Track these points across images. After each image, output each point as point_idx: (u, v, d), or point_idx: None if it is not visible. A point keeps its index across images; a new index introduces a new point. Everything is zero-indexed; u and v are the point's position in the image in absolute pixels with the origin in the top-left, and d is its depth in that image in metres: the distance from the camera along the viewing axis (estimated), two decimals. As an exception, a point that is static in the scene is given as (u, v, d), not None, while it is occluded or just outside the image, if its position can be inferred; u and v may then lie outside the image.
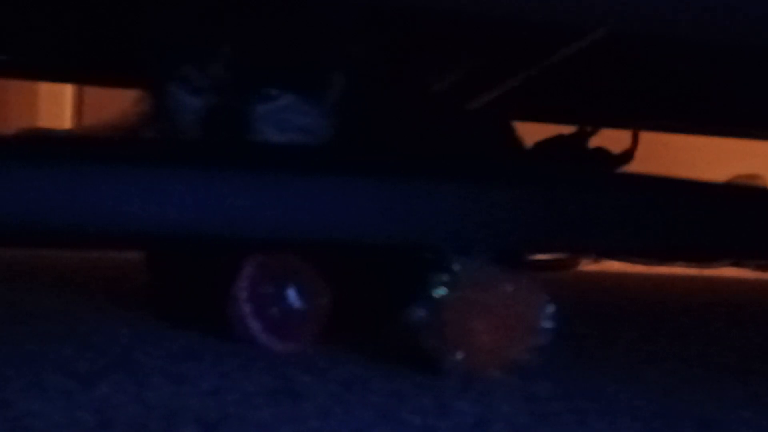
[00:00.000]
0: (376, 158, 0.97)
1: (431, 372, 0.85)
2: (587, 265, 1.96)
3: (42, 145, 0.98)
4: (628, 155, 1.65)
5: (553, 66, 1.28)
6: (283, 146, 0.99)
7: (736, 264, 1.93)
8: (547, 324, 0.88)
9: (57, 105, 2.27)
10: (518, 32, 1.13)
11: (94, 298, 1.15)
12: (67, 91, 2.27)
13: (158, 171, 0.88)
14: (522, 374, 0.86)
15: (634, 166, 1.59)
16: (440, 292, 0.87)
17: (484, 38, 1.17)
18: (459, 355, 0.85)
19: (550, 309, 0.88)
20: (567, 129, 1.64)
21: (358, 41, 1.03)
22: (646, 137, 1.69)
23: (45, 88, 2.25)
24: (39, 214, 0.84)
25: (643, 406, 0.82)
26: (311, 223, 0.89)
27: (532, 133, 1.45)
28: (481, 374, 0.85)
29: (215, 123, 0.97)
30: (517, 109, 1.46)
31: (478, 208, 0.92)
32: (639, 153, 1.65)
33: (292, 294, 0.92)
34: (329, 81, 1.02)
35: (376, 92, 1.07)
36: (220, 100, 0.97)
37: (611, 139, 1.65)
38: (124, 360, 0.84)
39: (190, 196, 0.86)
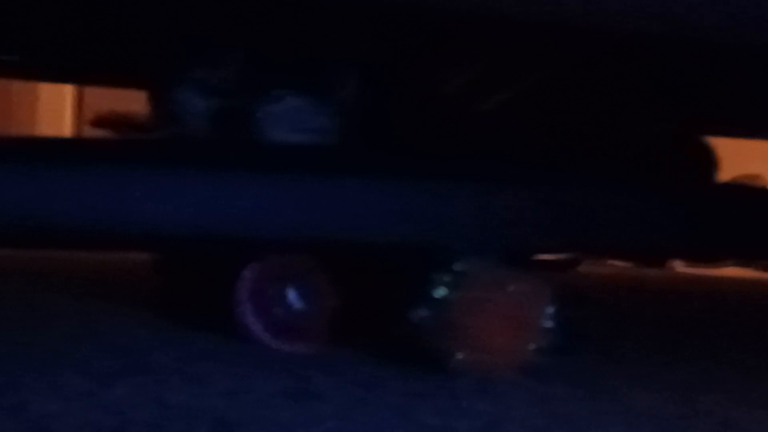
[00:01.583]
0: (384, 158, 0.97)
1: (442, 372, 0.85)
2: (591, 266, 1.96)
3: (51, 148, 0.98)
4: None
5: (559, 69, 1.28)
6: (292, 146, 0.99)
7: (741, 264, 1.92)
8: (548, 324, 0.88)
9: (57, 106, 2.26)
10: (525, 35, 1.12)
11: (112, 300, 1.15)
12: (68, 92, 2.27)
13: (166, 172, 0.88)
14: (538, 375, 0.86)
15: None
16: (445, 292, 0.87)
17: (496, 40, 1.17)
18: (463, 354, 0.85)
19: (551, 309, 0.88)
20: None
21: (370, 43, 1.03)
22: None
23: (45, 89, 2.25)
24: (48, 215, 0.84)
25: (662, 406, 0.81)
26: (321, 224, 0.89)
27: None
28: (491, 374, 0.85)
29: (226, 124, 0.97)
30: (526, 111, 1.46)
31: (486, 208, 0.93)
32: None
33: (293, 295, 0.92)
34: (340, 82, 1.02)
35: (388, 93, 1.07)
36: (231, 102, 0.97)
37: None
38: (142, 361, 0.84)
39: (199, 197, 0.87)
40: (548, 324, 0.88)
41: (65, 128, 2.27)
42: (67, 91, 2.26)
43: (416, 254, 0.91)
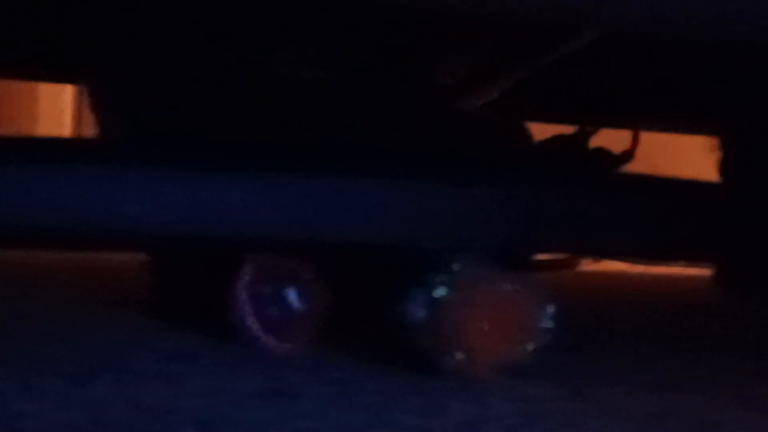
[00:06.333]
0: (378, 159, 0.97)
1: (428, 372, 0.85)
2: (587, 265, 1.95)
3: (41, 147, 0.99)
4: (628, 155, 1.64)
5: (552, 65, 1.28)
6: (281, 145, 0.99)
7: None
8: (546, 324, 0.88)
9: (57, 106, 2.27)
10: (517, 30, 1.13)
11: (89, 300, 1.16)
12: (68, 92, 2.27)
13: (148, 172, 0.89)
14: (516, 374, 0.86)
15: (634, 166, 1.58)
16: (439, 292, 0.87)
17: (482, 36, 1.17)
18: (457, 356, 0.85)
19: (549, 309, 0.88)
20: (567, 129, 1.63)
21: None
22: (646, 137, 1.68)
23: (45, 90, 2.25)
24: (47, 215, 0.85)
25: (639, 406, 0.81)
26: (313, 223, 0.89)
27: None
28: (483, 374, 0.85)
29: None
30: (518, 109, 1.46)
31: (478, 208, 0.93)
32: (639, 153, 1.65)
33: (291, 294, 0.92)
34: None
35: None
36: None
37: (611, 139, 1.64)
38: (118, 361, 0.84)
39: (195, 196, 0.87)
40: (544, 324, 0.88)
41: (65, 128, 2.27)
42: (67, 91, 2.26)
43: (412, 254, 0.91)
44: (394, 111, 1.09)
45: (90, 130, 1.18)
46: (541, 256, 1.72)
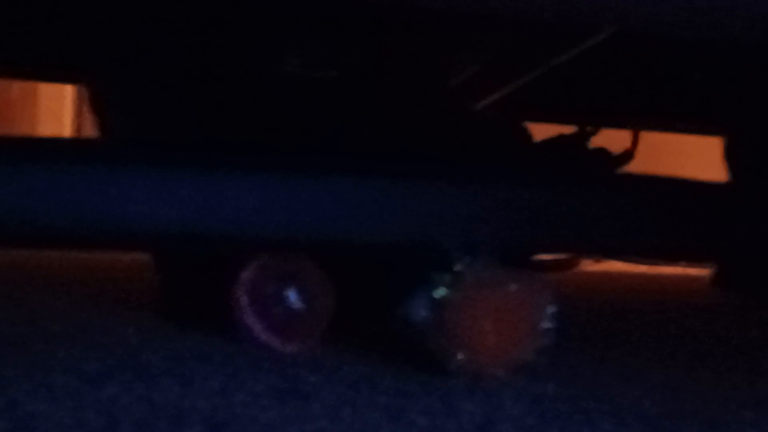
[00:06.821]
0: (378, 157, 0.97)
1: (437, 372, 0.85)
2: (588, 266, 1.95)
3: (41, 147, 0.98)
4: (628, 155, 1.64)
5: (553, 67, 1.28)
6: (282, 144, 0.99)
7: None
8: (551, 324, 0.88)
9: (57, 106, 2.26)
10: (518, 32, 1.13)
11: (101, 299, 1.16)
12: (68, 92, 2.26)
13: (155, 171, 0.88)
14: (529, 375, 0.86)
15: (634, 166, 1.58)
16: (444, 292, 0.86)
17: (485, 38, 1.17)
18: (463, 356, 0.85)
19: (551, 309, 0.88)
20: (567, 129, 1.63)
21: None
22: (646, 137, 1.69)
23: (45, 90, 2.25)
24: (48, 215, 0.84)
25: (650, 406, 0.81)
26: (316, 223, 0.89)
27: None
28: (487, 374, 0.85)
29: None
30: (518, 109, 1.47)
31: (481, 208, 0.92)
32: (639, 153, 1.65)
33: (293, 294, 0.92)
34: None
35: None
36: None
37: (611, 139, 1.64)
38: (131, 360, 0.84)
39: (195, 196, 0.87)
40: (550, 324, 0.88)
41: (65, 128, 2.27)
42: (67, 91, 2.26)
43: (417, 254, 0.91)
44: (397, 111, 1.09)
45: (90, 130, 1.18)
46: (542, 256, 1.73)
